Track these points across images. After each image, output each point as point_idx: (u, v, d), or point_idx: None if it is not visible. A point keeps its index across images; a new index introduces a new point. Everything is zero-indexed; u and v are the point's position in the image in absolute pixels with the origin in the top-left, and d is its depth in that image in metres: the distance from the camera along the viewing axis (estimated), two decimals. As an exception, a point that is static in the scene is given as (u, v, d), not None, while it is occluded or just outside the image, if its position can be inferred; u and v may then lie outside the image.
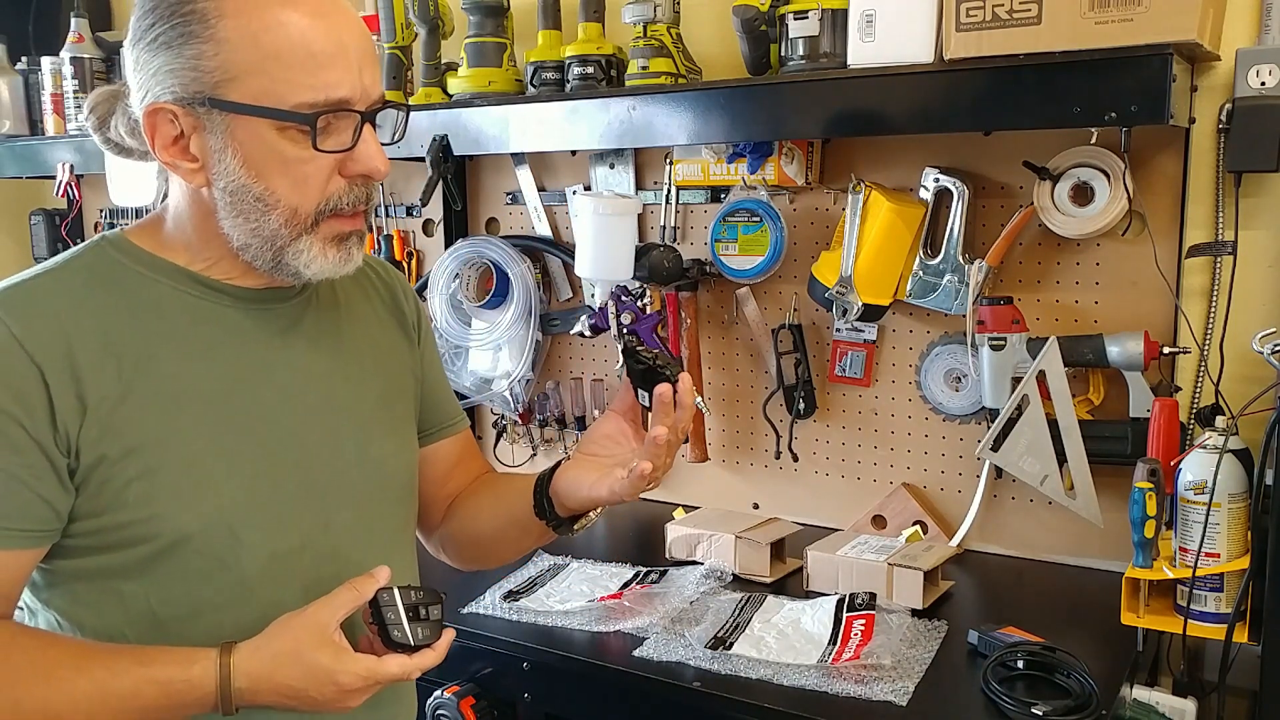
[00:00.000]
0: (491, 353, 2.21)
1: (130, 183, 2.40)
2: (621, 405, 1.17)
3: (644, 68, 1.79)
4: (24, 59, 2.74)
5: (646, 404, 1.12)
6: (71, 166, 2.59)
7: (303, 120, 0.95)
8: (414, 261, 2.39)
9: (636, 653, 1.44)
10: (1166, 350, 1.62)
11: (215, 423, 1.01)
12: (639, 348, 1.12)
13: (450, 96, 2.04)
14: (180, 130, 0.98)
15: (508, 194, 2.27)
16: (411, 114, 1.93)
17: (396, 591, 0.99)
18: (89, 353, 0.96)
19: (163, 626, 1.00)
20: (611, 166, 2.11)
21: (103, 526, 0.97)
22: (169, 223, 1.06)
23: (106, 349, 0.97)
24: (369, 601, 0.98)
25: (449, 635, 1.03)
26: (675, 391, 1.07)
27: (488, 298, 2.14)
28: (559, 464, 1.18)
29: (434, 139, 1.94)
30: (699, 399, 2.04)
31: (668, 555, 1.80)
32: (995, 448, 1.66)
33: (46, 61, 2.61)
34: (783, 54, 1.65)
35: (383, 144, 1.04)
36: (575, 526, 1.18)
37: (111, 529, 0.98)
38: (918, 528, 1.85)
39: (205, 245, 1.04)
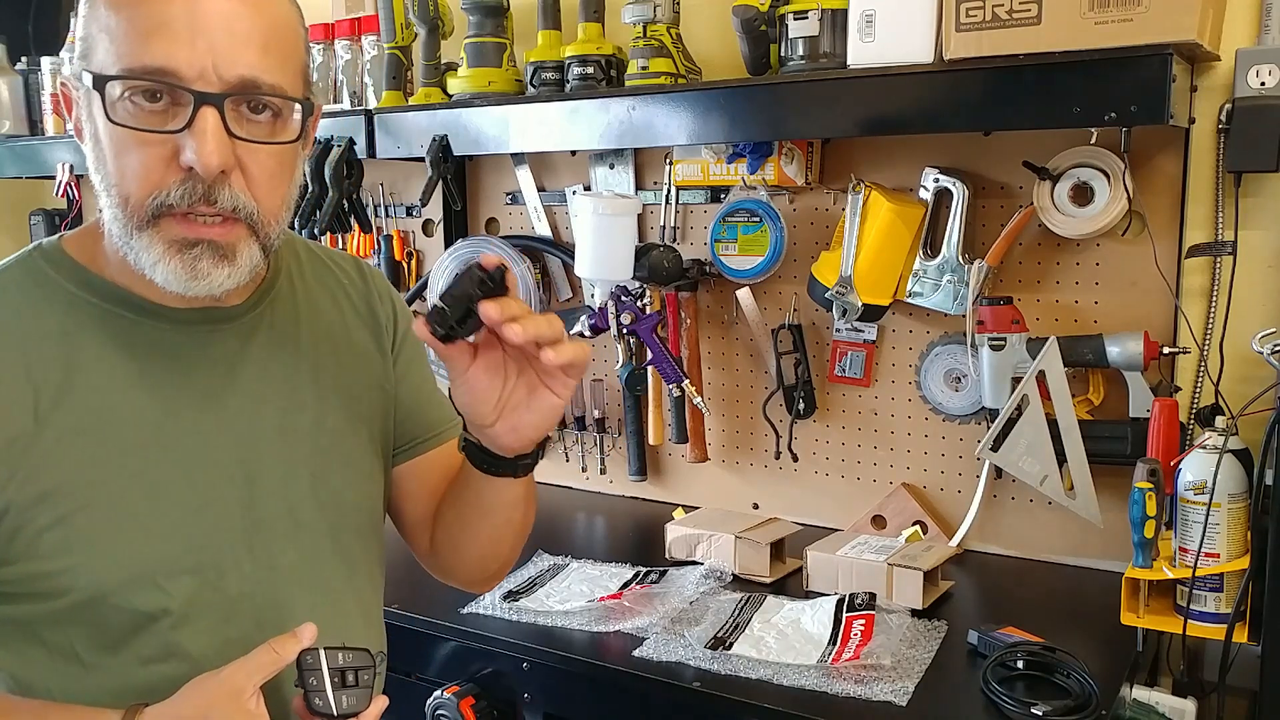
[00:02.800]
0: (491, 353, 2.21)
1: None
2: (459, 371, 0.96)
3: (644, 68, 1.79)
4: (24, 59, 2.74)
5: (471, 339, 0.94)
6: (71, 166, 2.59)
7: (94, 85, 0.85)
8: (414, 262, 2.39)
9: (636, 653, 1.44)
10: (1166, 350, 1.61)
11: (142, 460, 0.92)
12: (438, 308, 0.91)
13: (450, 96, 2.04)
14: (77, 117, 0.92)
15: (508, 194, 2.27)
16: (412, 114, 1.97)
17: (323, 654, 0.88)
18: (5, 384, 0.88)
19: (89, 673, 0.92)
20: (611, 166, 2.11)
21: (15, 576, 0.89)
22: (104, 229, 0.94)
23: (25, 379, 0.89)
24: (295, 663, 0.88)
25: (380, 704, 0.91)
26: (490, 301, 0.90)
27: (488, 298, 2.14)
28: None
29: (434, 139, 1.94)
30: (699, 399, 2.05)
31: (668, 555, 1.80)
32: (995, 448, 1.66)
33: (46, 61, 2.62)
34: (783, 54, 1.65)
35: (287, 142, 0.91)
36: (524, 462, 1.03)
37: (25, 579, 0.89)
38: (918, 528, 1.85)
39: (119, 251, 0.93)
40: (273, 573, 0.98)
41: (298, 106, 0.91)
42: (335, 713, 0.87)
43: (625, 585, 1.68)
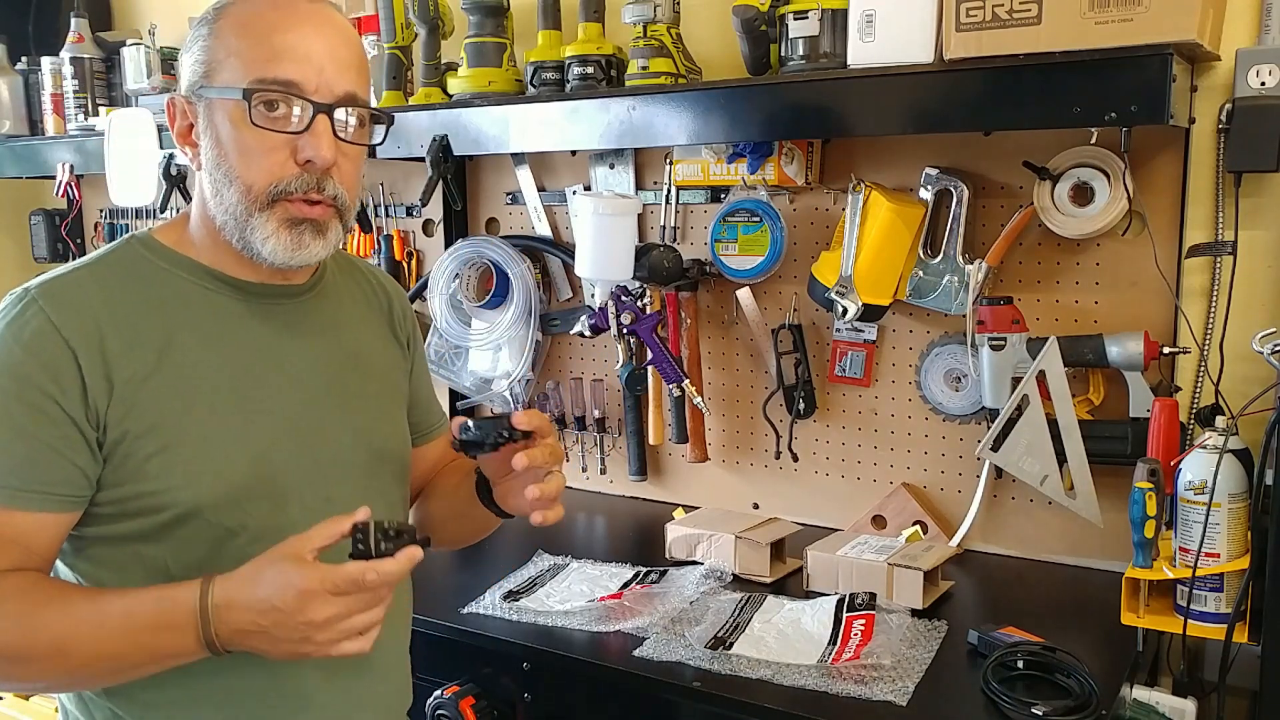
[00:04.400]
0: (491, 353, 2.21)
1: (130, 183, 2.40)
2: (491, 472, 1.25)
3: (644, 68, 1.79)
4: (24, 59, 2.74)
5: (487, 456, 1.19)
6: (71, 166, 2.59)
7: (241, 95, 1.07)
8: (414, 261, 2.39)
9: (636, 653, 1.44)
10: (1166, 350, 1.62)
11: (226, 406, 1.11)
12: (466, 434, 1.16)
13: (450, 96, 2.04)
14: (188, 124, 1.12)
15: (508, 194, 2.27)
16: (412, 114, 1.97)
17: (372, 524, 1.01)
18: (117, 340, 1.06)
19: (170, 575, 1.08)
20: (611, 166, 2.11)
21: (125, 496, 1.07)
22: (192, 220, 1.17)
23: (133, 337, 1.07)
24: (347, 534, 1.00)
25: (412, 550, 1.02)
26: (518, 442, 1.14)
27: (488, 298, 2.14)
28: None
29: (434, 139, 1.94)
30: (699, 399, 2.05)
31: (668, 555, 1.80)
32: (995, 448, 1.66)
33: (46, 61, 2.62)
34: (783, 54, 1.65)
35: (369, 146, 1.16)
36: (507, 515, 1.28)
37: (132, 498, 1.07)
38: (918, 528, 1.85)
39: (213, 238, 1.14)
40: (327, 504, 1.14)
41: (383, 120, 1.17)
42: (373, 552, 0.99)
43: (625, 585, 1.68)
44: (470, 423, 1.16)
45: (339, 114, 1.10)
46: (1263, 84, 1.52)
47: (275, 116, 1.07)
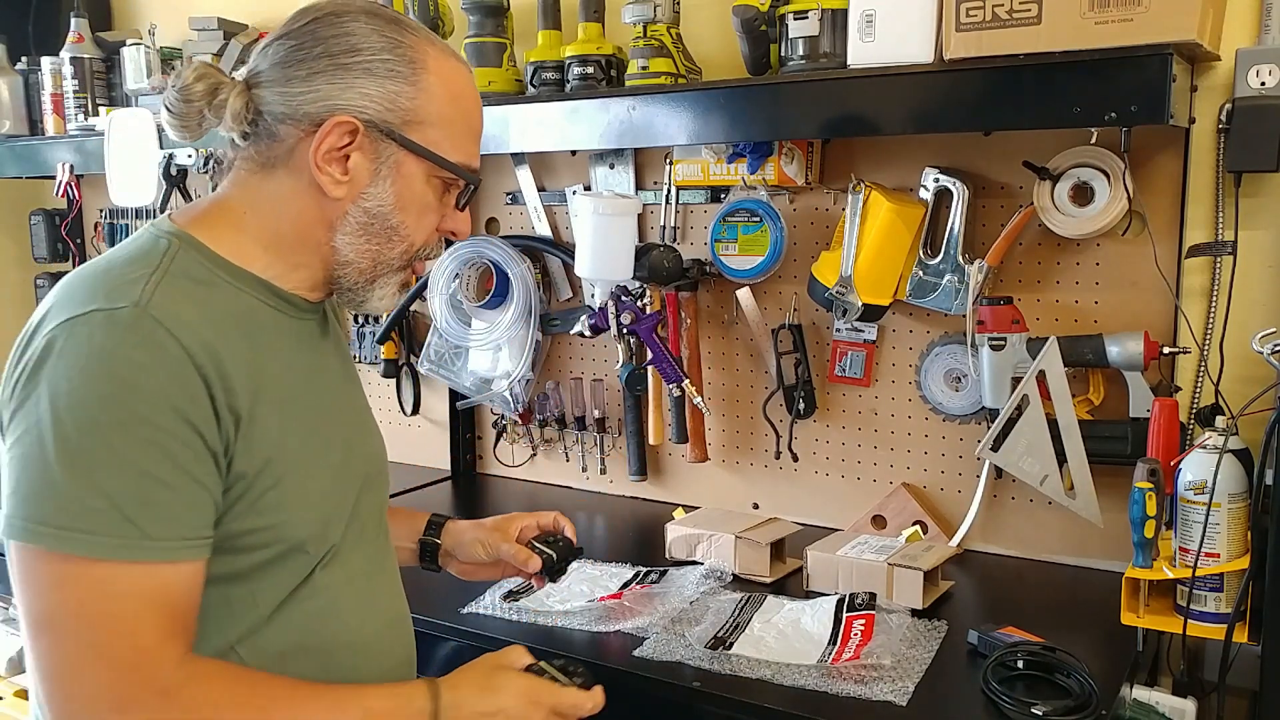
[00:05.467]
0: (491, 353, 2.21)
1: (130, 183, 2.40)
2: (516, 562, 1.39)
3: (644, 68, 1.79)
4: (24, 59, 2.74)
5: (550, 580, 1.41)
6: (71, 166, 2.59)
7: (469, 179, 1.12)
8: (414, 261, 2.38)
9: (636, 653, 1.44)
10: (1166, 350, 1.61)
11: (306, 428, 1.09)
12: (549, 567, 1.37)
13: (450, 96, 2.03)
14: (346, 145, 1.04)
15: (508, 194, 2.27)
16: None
17: (547, 663, 1.17)
18: (228, 362, 0.98)
19: (264, 624, 1.06)
20: (611, 166, 2.11)
21: (234, 532, 1.01)
22: (248, 225, 1.08)
23: (234, 359, 0.99)
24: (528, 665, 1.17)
25: (598, 691, 1.18)
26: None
27: (488, 298, 2.14)
28: (445, 521, 1.42)
29: (434, 139, 1.94)
30: (699, 399, 2.05)
31: (668, 555, 1.80)
32: (995, 448, 1.66)
33: (46, 61, 2.61)
34: (783, 54, 1.65)
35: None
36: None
37: (239, 535, 1.01)
38: (918, 528, 1.85)
39: (294, 252, 1.09)
40: (355, 519, 1.15)
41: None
42: (567, 681, 1.15)
43: (625, 585, 1.68)
44: (549, 552, 1.37)
45: None
46: (1263, 84, 1.52)
47: (452, 194, 1.13)
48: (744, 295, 1.96)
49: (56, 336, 0.94)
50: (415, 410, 2.47)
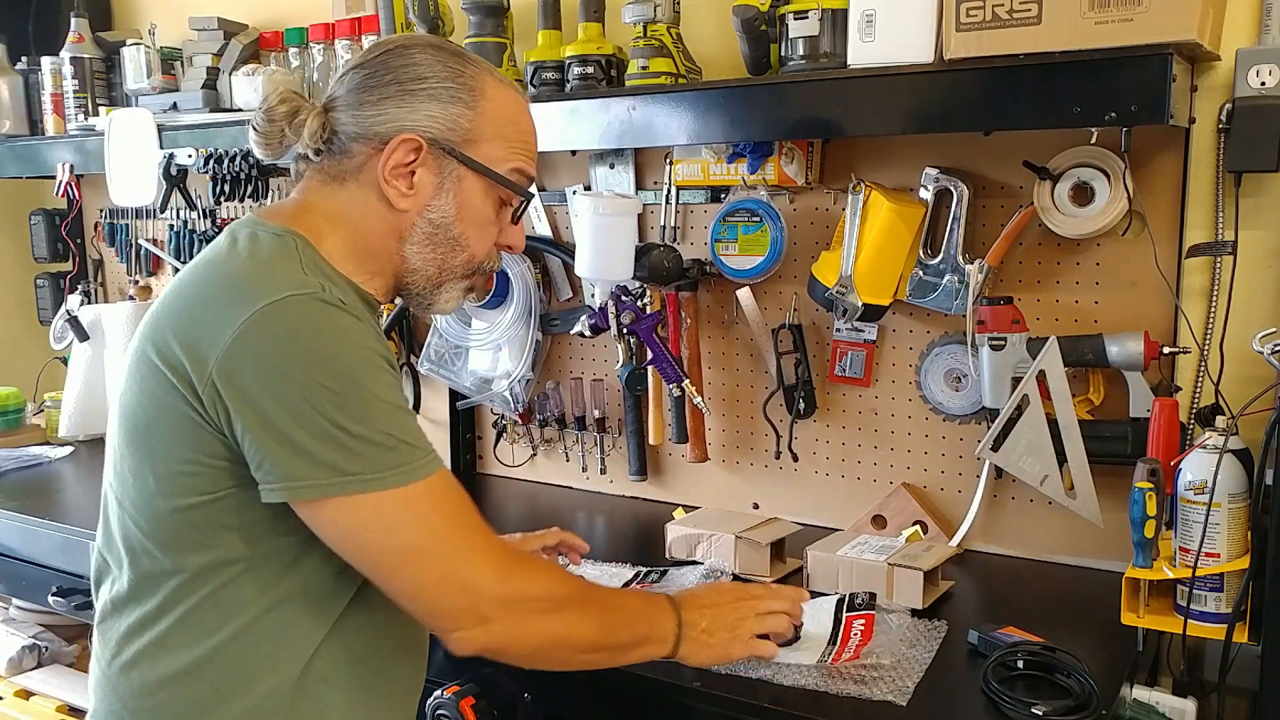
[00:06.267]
0: (491, 353, 2.21)
1: (130, 183, 2.40)
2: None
3: (644, 68, 1.79)
4: (24, 59, 2.74)
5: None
6: (71, 166, 2.59)
7: (521, 193, 1.23)
8: (414, 261, 2.38)
9: (636, 653, 1.44)
10: (1166, 350, 1.61)
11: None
12: None
13: (450, 96, 2.03)
14: (412, 161, 1.16)
15: (508, 194, 2.26)
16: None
17: None
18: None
19: (325, 600, 1.16)
20: (611, 166, 2.11)
21: None
22: (330, 232, 1.18)
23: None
24: None
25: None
26: None
27: (488, 298, 2.14)
28: None
29: (434, 139, 1.94)
30: (699, 399, 2.05)
31: (668, 555, 1.80)
32: (995, 448, 1.66)
33: (46, 61, 2.62)
34: (783, 54, 1.65)
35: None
36: None
37: None
38: (918, 528, 1.85)
39: (374, 259, 1.20)
40: None
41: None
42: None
43: (626, 585, 1.68)
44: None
45: None
46: (1263, 84, 1.52)
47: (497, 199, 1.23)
48: (744, 295, 1.96)
49: (259, 320, 1.04)
50: (415, 410, 2.47)
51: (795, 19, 1.61)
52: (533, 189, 1.24)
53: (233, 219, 2.28)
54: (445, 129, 1.17)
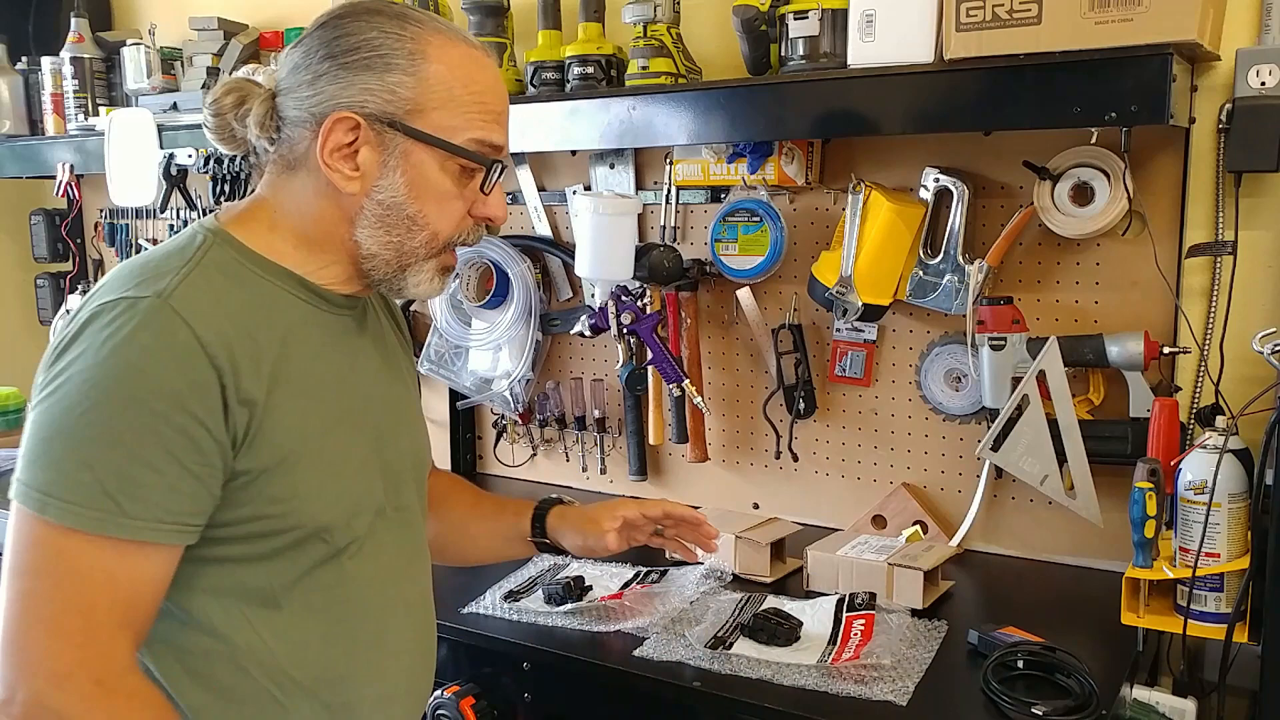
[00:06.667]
0: (491, 353, 2.21)
1: (130, 183, 2.40)
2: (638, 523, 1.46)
3: (644, 68, 1.79)
4: (24, 59, 2.74)
5: None
6: (71, 166, 2.59)
7: (481, 161, 1.09)
8: (414, 261, 2.38)
9: (636, 653, 1.44)
10: (1166, 350, 1.61)
11: (335, 421, 1.11)
12: None
13: (450, 96, 2.03)
14: (353, 141, 1.06)
15: (508, 194, 2.26)
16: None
17: None
18: (244, 356, 1.01)
19: (277, 612, 1.07)
20: (611, 166, 2.11)
21: (244, 517, 1.03)
22: (280, 224, 1.11)
23: (254, 352, 1.02)
24: None
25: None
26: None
27: (488, 298, 2.14)
28: (556, 501, 1.43)
29: (434, 139, 1.94)
30: (699, 399, 2.05)
31: (668, 555, 1.80)
32: (995, 448, 1.66)
33: (46, 61, 2.62)
34: (783, 54, 1.65)
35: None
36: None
37: (251, 519, 1.03)
38: (918, 528, 1.85)
39: (321, 249, 1.11)
40: (400, 512, 1.19)
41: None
42: None
43: (625, 585, 1.68)
44: None
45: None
46: (1263, 84, 1.52)
47: (463, 171, 1.10)
48: (744, 295, 1.96)
49: (90, 318, 0.99)
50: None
51: (795, 19, 1.61)
52: (501, 155, 1.12)
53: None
54: (384, 101, 1.05)
